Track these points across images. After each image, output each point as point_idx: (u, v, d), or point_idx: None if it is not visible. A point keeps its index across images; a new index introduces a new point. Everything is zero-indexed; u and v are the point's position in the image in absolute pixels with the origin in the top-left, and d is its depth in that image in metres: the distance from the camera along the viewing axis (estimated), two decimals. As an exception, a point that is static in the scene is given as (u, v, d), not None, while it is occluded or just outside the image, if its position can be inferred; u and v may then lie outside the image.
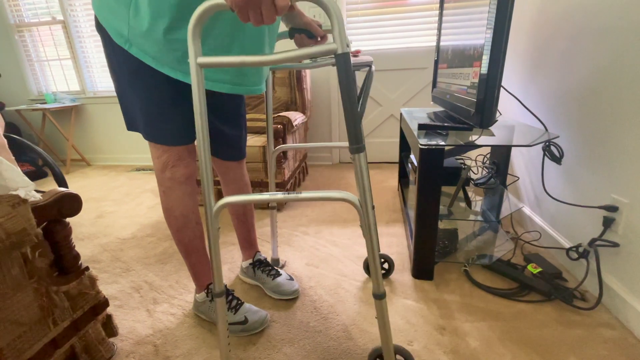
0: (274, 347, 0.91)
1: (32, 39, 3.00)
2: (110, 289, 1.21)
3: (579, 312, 0.97)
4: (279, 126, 1.78)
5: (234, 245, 1.47)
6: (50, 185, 2.63)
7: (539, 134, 1.15)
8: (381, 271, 1.18)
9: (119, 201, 2.15)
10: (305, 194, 0.60)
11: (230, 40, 0.74)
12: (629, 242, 0.92)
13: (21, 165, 2.78)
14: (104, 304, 0.89)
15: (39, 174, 2.88)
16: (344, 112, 0.54)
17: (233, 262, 1.34)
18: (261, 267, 1.14)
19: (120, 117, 3.08)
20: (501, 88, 0.99)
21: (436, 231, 1.10)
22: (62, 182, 1.60)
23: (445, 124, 1.23)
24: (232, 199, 0.62)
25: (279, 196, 0.61)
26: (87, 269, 0.85)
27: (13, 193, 0.67)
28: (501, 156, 1.47)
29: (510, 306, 1.01)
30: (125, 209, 2.01)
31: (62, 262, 0.80)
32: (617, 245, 0.95)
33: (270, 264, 1.17)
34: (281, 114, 1.89)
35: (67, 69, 3.05)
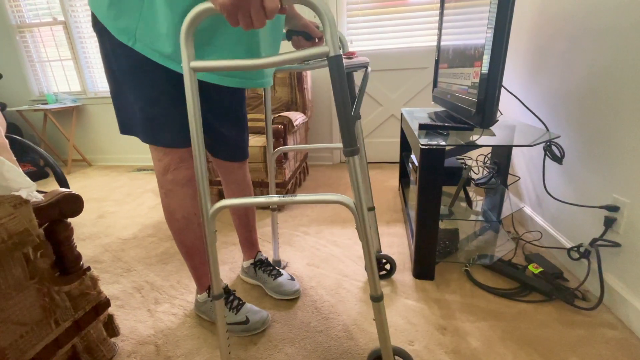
0: (275, 347, 0.91)
1: (33, 40, 3.01)
2: (111, 289, 1.22)
3: (580, 312, 0.97)
4: (279, 126, 1.78)
5: (235, 245, 1.47)
6: (51, 186, 2.64)
7: (539, 133, 1.15)
8: (383, 272, 1.19)
9: (120, 201, 2.16)
10: (301, 196, 0.60)
11: (238, 37, 0.72)
12: (630, 242, 0.92)
13: (23, 166, 2.79)
14: (105, 304, 0.89)
15: (41, 174, 2.88)
16: (337, 115, 0.53)
17: (234, 262, 1.34)
18: (262, 267, 1.15)
19: (121, 118, 3.08)
20: (502, 88, 0.99)
21: (437, 231, 1.10)
22: (63, 183, 1.61)
23: (446, 124, 1.23)
24: (228, 201, 0.63)
25: (275, 199, 0.61)
26: (88, 269, 0.85)
27: (15, 194, 0.67)
28: (502, 156, 1.47)
29: (511, 306, 1.01)
30: (126, 209, 2.01)
31: (64, 262, 0.80)
32: (619, 245, 0.95)
33: (271, 264, 1.17)
34: (282, 114, 1.89)
35: (68, 70, 3.06)
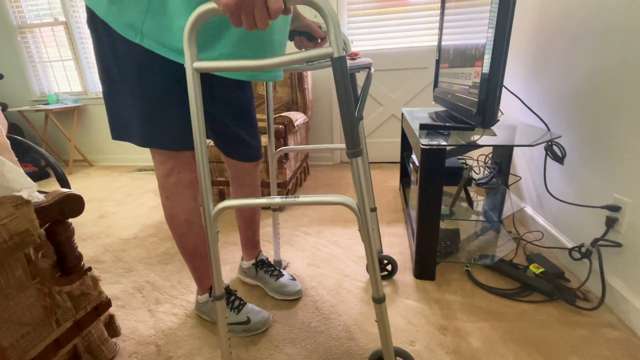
0: (275, 347, 0.91)
1: (34, 40, 3.01)
2: (112, 289, 1.22)
3: (581, 312, 0.97)
4: (280, 126, 1.78)
5: (235, 246, 1.47)
6: (52, 186, 2.64)
7: (541, 133, 1.15)
8: (384, 273, 1.19)
9: (121, 201, 2.16)
10: (303, 198, 0.60)
11: (247, 35, 0.70)
12: (631, 242, 0.91)
13: (24, 166, 2.79)
14: (106, 304, 0.89)
15: (42, 174, 2.89)
16: (341, 116, 0.52)
17: (235, 263, 1.34)
18: (264, 267, 1.14)
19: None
20: (503, 88, 0.99)
21: (438, 231, 1.10)
22: (64, 183, 1.61)
23: (447, 124, 1.23)
24: (231, 202, 0.62)
25: (277, 200, 0.61)
26: (89, 269, 0.85)
27: (16, 194, 0.67)
28: (503, 156, 1.46)
29: (512, 306, 1.01)
30: (127, 209, 2.02)
31: (65, 262, 0.80)
32: (620, 245, 0.94)
33: (272, 264, 1.17)
34: (282, 114, 1.89)
35: (69, 70, 3.06)
